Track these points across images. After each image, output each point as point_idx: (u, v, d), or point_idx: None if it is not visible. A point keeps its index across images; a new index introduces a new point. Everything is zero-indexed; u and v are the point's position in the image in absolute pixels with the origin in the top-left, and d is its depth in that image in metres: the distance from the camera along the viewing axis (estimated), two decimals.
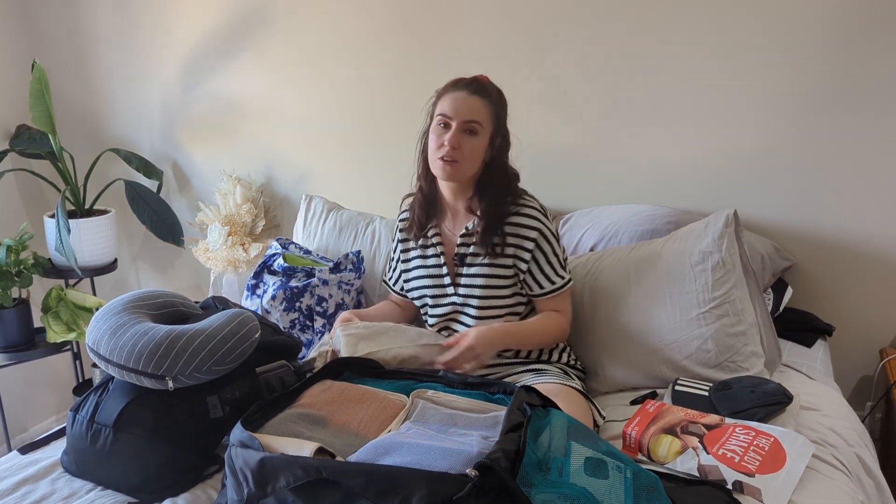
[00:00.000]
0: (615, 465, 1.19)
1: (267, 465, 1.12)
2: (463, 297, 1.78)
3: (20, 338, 2.52)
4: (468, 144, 1.69)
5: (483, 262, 1.75)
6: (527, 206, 1.75)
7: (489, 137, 1.72)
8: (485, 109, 1.70)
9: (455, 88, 1.72)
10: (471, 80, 1.73)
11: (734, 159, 2.17)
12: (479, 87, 1.71)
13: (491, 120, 1.71)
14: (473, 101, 1.69)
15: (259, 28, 2.59)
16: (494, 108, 1.72)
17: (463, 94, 1.70)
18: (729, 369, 1.75)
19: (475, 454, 1.10)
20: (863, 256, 2.14)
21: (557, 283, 1.75)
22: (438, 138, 1.71)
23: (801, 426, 1.58)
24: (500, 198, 1.75)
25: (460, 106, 1.69)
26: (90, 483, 1.46)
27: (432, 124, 1.74)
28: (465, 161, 1.70)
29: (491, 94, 1.72)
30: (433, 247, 1.82)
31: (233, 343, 1.45)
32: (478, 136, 1.70)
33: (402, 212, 1.93)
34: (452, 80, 1.75)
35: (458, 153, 1.69)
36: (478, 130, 1.69)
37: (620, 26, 2.19)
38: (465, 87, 1.71)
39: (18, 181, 2.88)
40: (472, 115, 1.68)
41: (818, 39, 2.03)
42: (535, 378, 1.71)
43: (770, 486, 1.34)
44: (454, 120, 1.69)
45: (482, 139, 1.71)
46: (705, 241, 1.82)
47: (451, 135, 1.68)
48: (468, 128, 1.69)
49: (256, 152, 2.73)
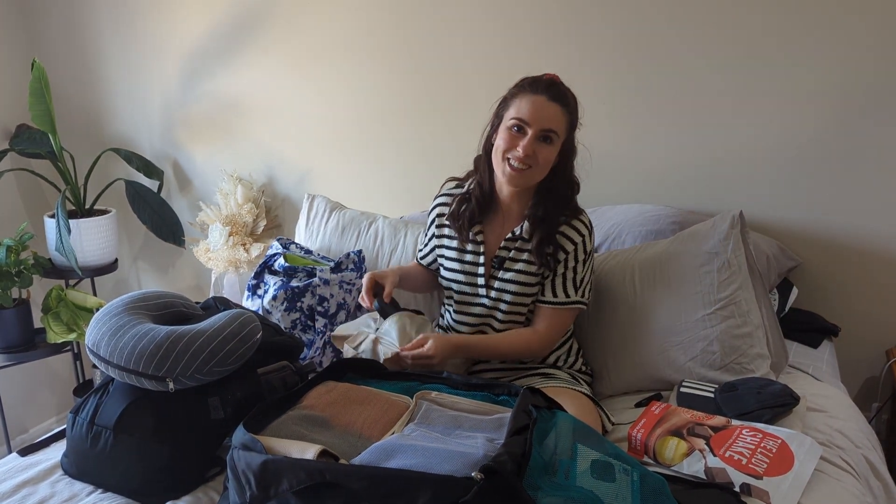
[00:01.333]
0: (622, 467, 1.17)
1: (270, 468, 1.11)
2: (493, 300, 1.75)
3: (20, 338, 2.51)
4: (542, 153, 1.63)
5: (519, 270, 1.72)
6: (579, 220, 1.72)
7: (561, 146, 1.67)
8: (563, 118, 1.64)
9: (534, 91, 1.64)
10: (549, 83, 1.65)
11: (739, 160, 2.16)
12: (558, 94, 1.64)
13: (566, 129, 1.65)
14: (553, 109, 1.62)
15: (260, 27, 2.58)
16: (571, 118, 1.66)
17: (542, 100, 1.62)
18: (735, 371, 1.73)
19: (481, 457, 1.09)
20: (868, 256, 2.13)
21: (560, 297, 1.71)
22: (511, 140, 1.64)
23: (808, 428, 1.56)
24: (560, 208, 1.70)
25: (540, 112, 1.62)
26: (90, 485, 1.45)
27: (503, 125, 1.67)
28: (537, 169, 1.65)
29: (570, 101, 1.66)
30: (474, 244, 1.78)
31: (234, 344, 1.44)
32: (552, 144, 1.64)
33: (442, 194, 1.87)
34: (529, 80, 1.67)
35: (531, 160, 1.63)
36: (553, 139, 1.63)
37: (626, 25, 2.17)
38: (545, 91, 1.63)
39: (18, 181, 2.87)
40: (551, 124, 1.62)
41: (825, 40, 2.02)
42: (544, 382, 1.69)
43: (778, 489, 1.32)
44: (532, 126, 1.62)
45: (555, 148, 1.65)
46: (711, 241, 1.81)
47: (527, 142, 1.62)
48: (544, 136, 1.62)
49: (257, 152, 2.72)
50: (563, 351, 1.81)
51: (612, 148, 2.27)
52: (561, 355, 1.80)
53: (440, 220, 1.85)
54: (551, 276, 1.71)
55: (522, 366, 1.78)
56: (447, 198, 1.85)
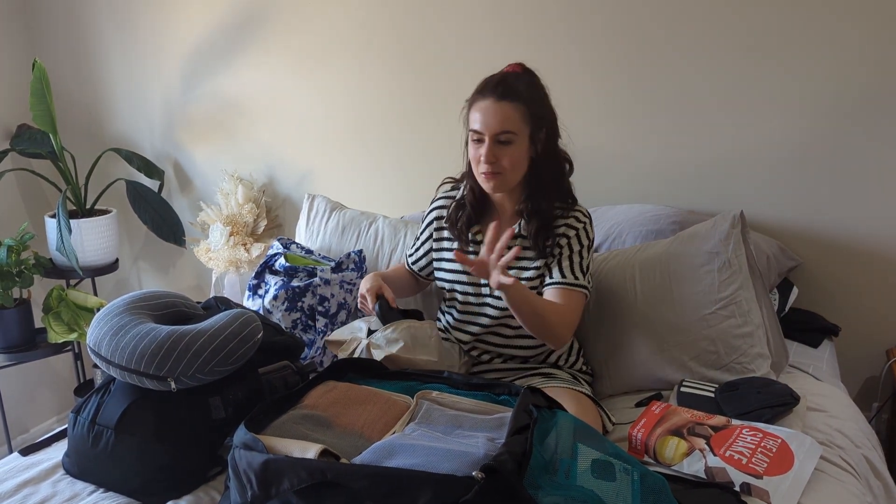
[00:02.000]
0: (622, 466, 1.18)
1: (271, 468, 1.11)
2: (498, 298, 1.73)
3: (21, 338, 2.51)
4: (506, 156, 1.62)
5: (524, 266, 1.71)
6: (577, 212, 1.71)
7: (528, 139, 1.63)
8: (516, 114, 1.60)
9: (482, 96, 1.62)
10: (497, 81, 1.62)
11: (739, 159, 2.16)
12: (505, 90, 1.60)
13: (525, 121, 1.61)
14: (501, 109, 1.59)
15: (260, 27, 2.58)
16: (527, 107, 1.61)
17: (489, 104, 1.60)
18: (735, 370, 1.74)
19: (481, 456, 1.09)
20: (868, 256, 2.13)
21: (569, 278, 1.67)
22: (475, 153, 1.64)
23: (809, 427, 1.57)
24: (551, 194, 1.68)
25: (489, 118, 1.60)
26: (92, 485, 1.45)
27: (468, 137, 1.67)
28: (508, 172, 1.63)
29: (520, 92, 1.61)
30: (475, 244, 1.77)
31: (235, 344, 1.44)
32: (514, 144, 1.61)
33: (440, 198, 1.86)
34: (481, 83, 1.65)
35: (496, 167, 1.63)
36: (513, 139, 1.61)
37: (626, 26, 2.18)
38: (492, 92, 1.61)
39: (19, 181, 2.87)
40: (503, 126, 1.59)
41: (825, 40, 2.02)
42: (545, 382, 1.69)
43: (778, 488, 1.33)
44: (485, 134, 1.61)
45: (520, 145, 1.62)
46: (711, 241, 1.81)
47: (486, 151, 1.60)
48: (502, 139, 1.61)
49: (258, 152, 2.72)
50: (564, 349, 1.80)
51: (612, 148, 2.27)
52: (562, 354, 1.80)
53: (438, 224, 1.84)
54: (556, 259, 1.68)
55: (523, 366, 1.77)
56: (445, 201, 1.85)
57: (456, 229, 1.79)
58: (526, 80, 1.65)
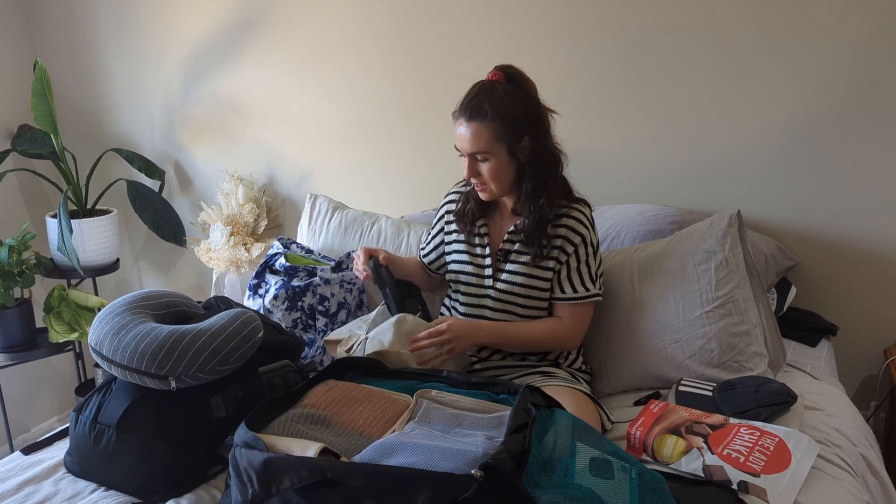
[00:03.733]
0: (620, 465, 1.18)
1: (271, 466, 1.12)
2: (500, 292, 1.75)
3: (22, 338, 2.51)
4: (485, 170, 1.67)
5: (525, 262, 1.73)
6: (576, 210, 1.73)
7: (506, 152, 1.66)
8: (485, 132, 1.62)
9: (458, 114, 1.67)
10: (468, 100, 1.65)
11: (738, 159, 2.17)
12: (474, 110, 1.63)
13: (497, 138, 1.63)
14: (471, 130, 1.64)
15: (261, 27, 2.58)
16: (498, 123, 1.62)
17: (461, 124, 1.66)
18: (732, 369, 1.74)
19: (480, 455, 1.10)
20: (867, 255, 2.13)
21: (580, 292, 1.72)
22: (463, 165, 1.71)
23: (806, 426, 1.57)
24: (547, 197, 1.70)
25: (462, 139, 1.67)
26: (93, 484, 1.46)
27: None
28: (492, 183, 1.69)
29: (486, 110, 1.61)
30: (479, 237, 1.81)
31: (236, 343, 1.45)
32: (491, 159, 1.66)
33: (452, 192, 1.91)
34: (460, 101, 1.68)
35: (480, 180, 1.69)
36: (488, 157, 1.65)
37: (626, 25, 2.18)
38: (462, 112, 1.65)
39: (20, 181, 2.87)
40: (474, 147, 1.65)
41: (825, 40, 2.02)
42: (543, 381, 1.70)
43: (775, 487, 1.33)
44: (463, 152, 1.68)
45: (498, 158, 1.66)
46: (709, 240, 1.82)
47: (468, 167, 1.69)
48: (478, 157, 1.67)
49: (258, 152, 2.73)
50: None
51: (610, 148, 2.28)
52: (562, 352, 1.81)
53: (448, 217, 1.89)
54: (565, 271, 1.72)
55: (522, 364, 1.78)
56: (456, 195, 1.89)
57: (462, 222, 1.83)
58: (499, 94, 1.63)
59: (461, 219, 1.83)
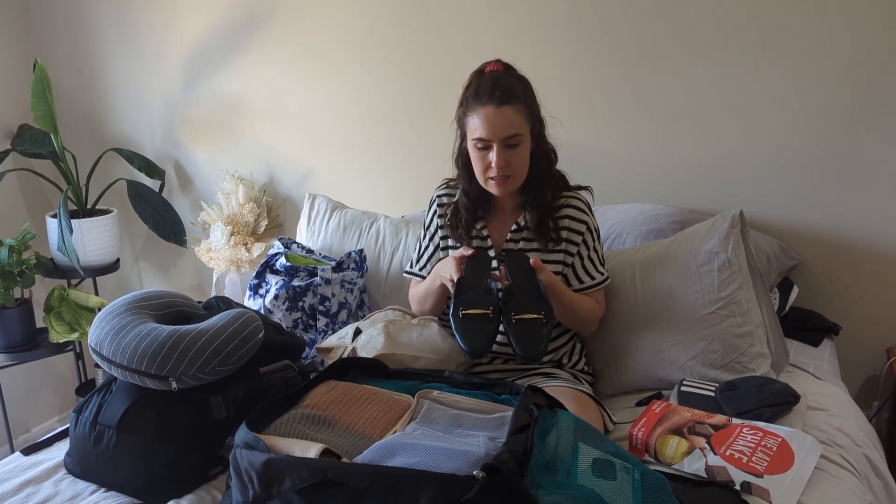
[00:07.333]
0: (623, 466, 1.18)
1: (272, 467, 1.12)
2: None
3: (22, 338, 2.51)
4: (516, 158, 1.63)
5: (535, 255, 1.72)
6: (575, 198, 1.75)
7: (531, 136, 1.65)
8: (519, 116, 1.60)
9: (480, 103, 1.61)
10: (492, 86, 1.60)
11: (740, 159, 2.17)
12: (504, 95, 1.59)
13: (526, 120, 1.62)
14: (506, 114, 1.59)
15: (261, 26, 2.58)
16: (526, 108, 1.62)
17: (491, 110, 1.59)
18: (735, 370, 1.74)
19: (482, 455, 1.10)
20: (869, 255, 2.13)
21: (597, 278, 1.75)
22: (482, 160, 1.64)
23: (809, 426, 1.57)
24: (548, 186, 1.71)
25: (495, 125, 1.59)
26: (93, 484, 1.46)
27: (470, 144, 1.66)
28: (518, 172, 1.66)
29: (518, 94, 1.61)
30: (480, 239, 1.78)
31: (236, 343, 1.44)
32: (521, 145, 1.63)
33: (438, 204, 1.84)
34: (473, 90, 1.64)
35: (508, 169, 1.63)
36: (520, 141, 1.62)
37: (627, 24, 2.18)
38: (490, 97, 1.59)
39: (20, 181, 2.87)
40: (510, 130, 1.60)
41: (827, 40, 2.02)
42: (545, 382, 1.69)
43: (779, 487, 1.33)
44: (493, 141, 1.60)
45: (526, 144, 1.64)
46: (711, 241, 1.81)
47: (497, 157, 1.61)
48: (510, 143, 1.61)
49: (259, 151, 2.72)
50: (568, 348, 1.81)
51: (612, 147, 2.28)
52: (566, 352, 1.80)
53: (443, 232, 1.84)
54: (579, 262, 1.74)
55: (524, 366, 1.78)
56: (441, 208, 1.84)
57: (457, 233, 1.80)
58: (518, 80, 1.66)
59: (455, 229, 1.79)
